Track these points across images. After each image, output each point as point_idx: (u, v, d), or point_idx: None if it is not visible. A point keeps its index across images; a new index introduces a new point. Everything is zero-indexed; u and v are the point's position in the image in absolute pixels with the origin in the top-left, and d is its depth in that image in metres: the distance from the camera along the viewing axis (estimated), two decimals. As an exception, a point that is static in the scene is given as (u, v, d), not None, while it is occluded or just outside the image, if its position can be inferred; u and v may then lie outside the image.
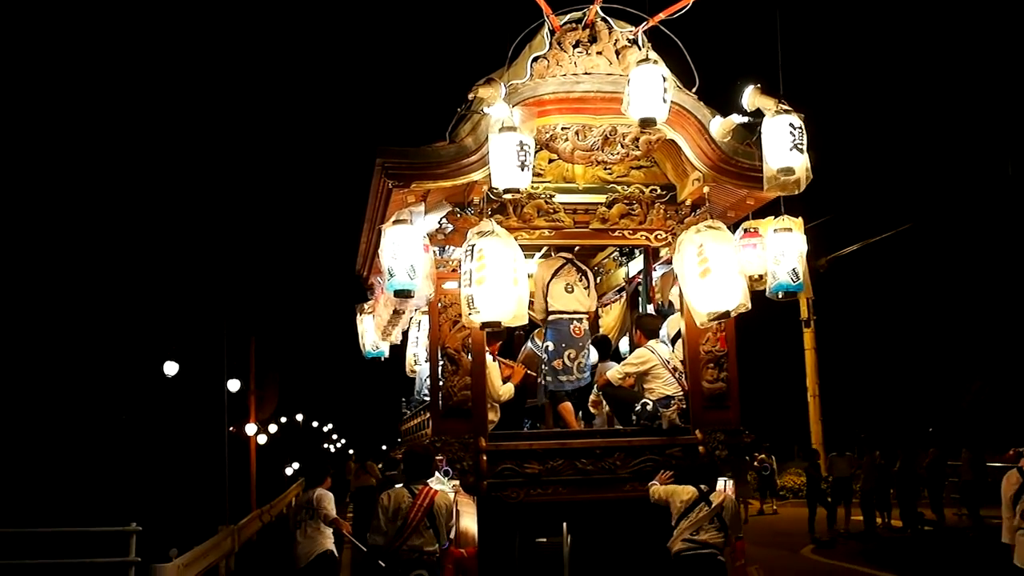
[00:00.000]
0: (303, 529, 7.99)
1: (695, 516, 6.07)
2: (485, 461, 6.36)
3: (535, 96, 6.26)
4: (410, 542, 5.83)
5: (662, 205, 6.90)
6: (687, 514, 6.09)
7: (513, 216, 6.64)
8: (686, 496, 6.13)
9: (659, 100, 5.75)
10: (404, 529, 5.83)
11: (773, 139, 5.81)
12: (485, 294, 5.85)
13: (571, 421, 7.36)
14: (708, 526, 6.06)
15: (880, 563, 12.45)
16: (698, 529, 6.06)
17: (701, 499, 6.11)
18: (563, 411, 7.33)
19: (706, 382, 6.78)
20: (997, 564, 11.97)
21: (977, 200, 23.03)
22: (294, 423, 45.84)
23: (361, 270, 8.68)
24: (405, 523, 5.83)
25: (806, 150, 5.81)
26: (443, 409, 6.50)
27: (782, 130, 5.79)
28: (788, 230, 6.35)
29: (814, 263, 25.24)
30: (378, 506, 6.08)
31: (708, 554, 6.01)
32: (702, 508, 6.08)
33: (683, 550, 6.03)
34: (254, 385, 22.69)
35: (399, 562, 5.83)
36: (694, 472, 6.29)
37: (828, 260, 25.00)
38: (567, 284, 7.44)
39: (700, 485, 6.19)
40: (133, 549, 9.72)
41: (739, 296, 6.14)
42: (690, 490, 6.16)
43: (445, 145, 6.24)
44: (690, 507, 6.10)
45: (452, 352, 6.54)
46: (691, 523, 6.06)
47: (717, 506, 6.10)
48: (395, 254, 6.18)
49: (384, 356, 9.55)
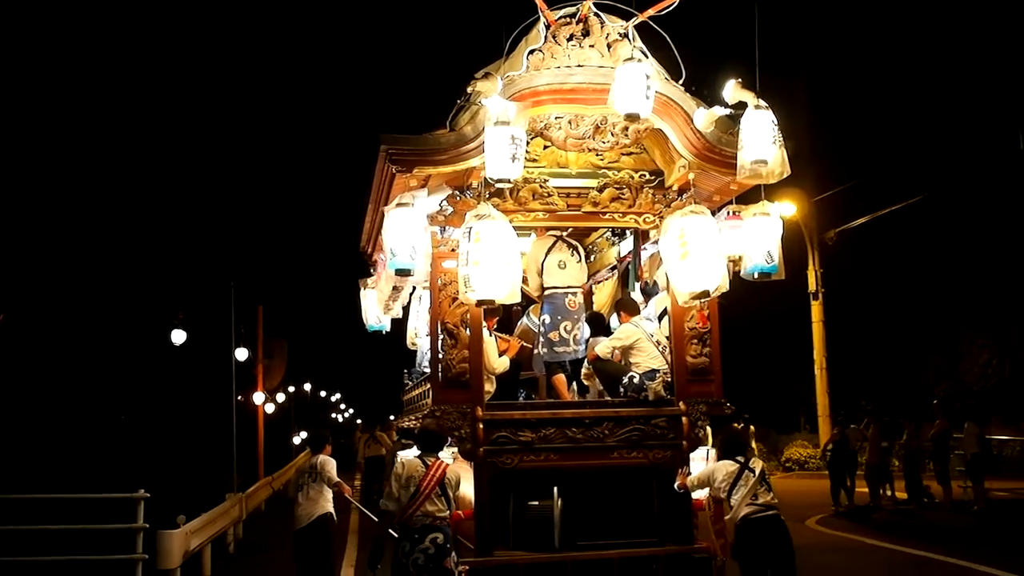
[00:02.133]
0: (305, 491, 8.57)
1: (747, 484, 6.66)
2: (482, 429, 6.96)
3: (531, 87, 6.78)
4: (423, 508, 6.34)
5: (650, 190, 7.46)
6: (737, 484, 6.69)
7: (509, 199, 7.19)
8: (730, 469, 6.74)
9: (642, 96, 6.29)
10: (417, 496, 6.33)
11: (752, 132, 6.37)
12: (481, 274, 6.39)
13: (563, 392, 7.99)
14: (761, 490, 6.67)
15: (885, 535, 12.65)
16: (756, 494, 6.65)
17: (744, 468, 6.73)
18: (557, 382, 7.97)
19: (690, 357, 7.37)
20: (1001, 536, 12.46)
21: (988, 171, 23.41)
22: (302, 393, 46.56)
23: (365, 247, 9.29)
24: (418, 491, 6.34)
25: (783, 145, 6.37)
26: (443, 380, 7.09)
27: (761, 124, 6.35)
28: (766, 215, 6.91)
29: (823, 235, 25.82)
30: (391, 475, 6.62)
31: (773, 515, 6.64)
32: (749, 476, 6.69)
33: (750, 514, 6.61)
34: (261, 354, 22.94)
35: (414, 527, 6.33)
36: (732, 448, 6.88)
37: (836, 232, 25.65)
38: (560, 260, 8.12)
39: (737, 457, 6.80)
40: (141, 515, 9.83)
41: (718, 278, 6.69)
42: (731, 464, 6.77)
43: (446, 133, 6.77)
44: (737, 477, 6.70)
45: (451, 327, 7.12)
46: (748, 490, 6.64)
47: (761, 472, 6.74)
48: (397, 235, 6.81)
49: (386, 330, 10.18)
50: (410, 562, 6.19)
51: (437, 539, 6.26)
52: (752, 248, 6.91)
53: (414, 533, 6.27)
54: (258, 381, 23.08)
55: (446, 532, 6.37)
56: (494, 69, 6.76)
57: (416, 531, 6.28)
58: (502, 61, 6.88)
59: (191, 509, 10.84)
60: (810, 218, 25.94)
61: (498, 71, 6.72)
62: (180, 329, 18.78)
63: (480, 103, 6.55)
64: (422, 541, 6.23)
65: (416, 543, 6.23)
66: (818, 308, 25.75)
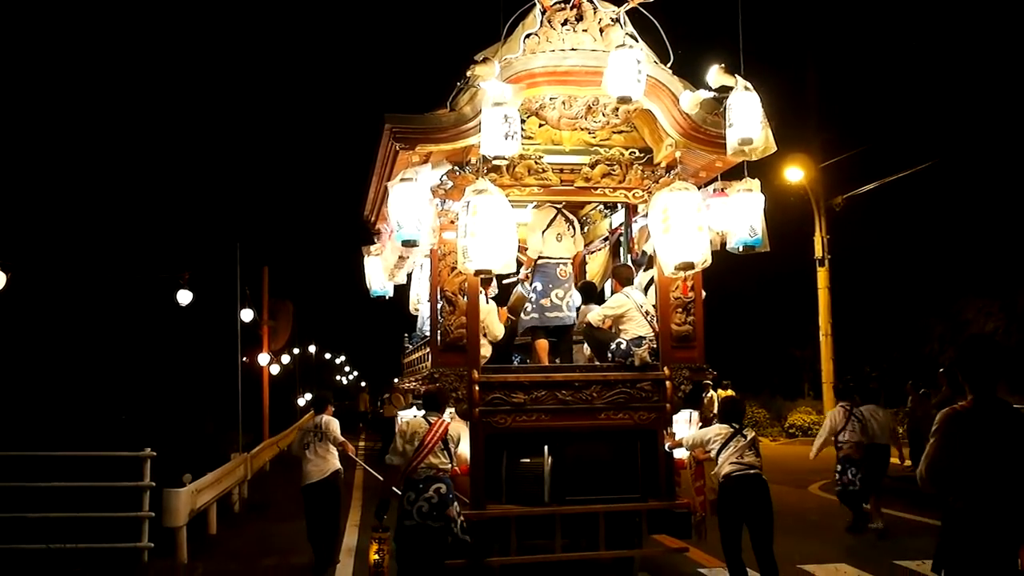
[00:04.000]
0: (313, 449, 9.26)
1: (735, 446, 7.40)
2: (477, 391, 7.62)
3: (527, 69, 7.38)
4: (427, 461, 6.98)
5: (640, 166, 8.07)
6: (727, 446, 7.43)
7: (506, 175, 7.80)
8: (724, 431, 7.50)
9: (634, 81, 6.90)
10: (421, 450, 6.97)
11: (737, 113, 6.94)
12: (478, 245, 6.99)
13: (543, 358, 8.67)
14: (748, 452, 7.40)
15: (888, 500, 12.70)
16: (742, 455, 7.37)
17: (736, 433, 7.47)
18: (539, 347, 8.67)
19: (674, 325, 8.02)
20: None
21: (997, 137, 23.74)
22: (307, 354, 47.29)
23: (369, 216, 9.92)
24: (422, 444, 6.98)
25: (767, 124, 6.95)
26: (441, 345, 7.74)
27: (746, 105, 6.92)
28: (749, 191, 7.50)
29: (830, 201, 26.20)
30: (396, 432, 7.29)
31: (755, 474, 7.37)
32: (739, 440, 7.43)
33: (733, 471, 7.35)
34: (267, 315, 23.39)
35: (418, 479, 6.96)
36: (731, 415, 7.65)
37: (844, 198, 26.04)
38: (557, 233, 8.82)
39: (732, 424, 7.56)
40: (147, 474, 9.87)
41: (701, 251, 7.29)
42: (724, 427, 7.53)
43: (446, 113, 7.38)
44: (728, 440, 7.44)
45: (450, 295, 7.76)
46: (734, 451, 7.39)
47: (752, 439, 7.49)
48: (403, 208, 7.40)
49: (388, 295, 10.85)
50: (415, 510, 6.84)
51: (440, 489, 6.90)
52: (737, 222, 7.51)
53: (419, 484, 6.91)
54: (263, 342, 23.54)
55: (448, 483, 7.00)
56: (492, 52, 7.34)
57: (420, 482, 6.91)
58: (500, 45, 7.43)
59: (197, 469, 11.08)
60: (817, 184, 26.20)
61: (496, 54, 7.30)
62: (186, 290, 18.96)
63: (478, 86, 7.13)
64: (426, 491, 6.86)
65: (421, 492, 6.86)
66: (824, 274, 25.90)
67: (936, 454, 4.66)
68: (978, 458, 4.57)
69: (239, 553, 10.35)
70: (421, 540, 6.87)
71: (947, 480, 4.64)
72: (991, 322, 27.70)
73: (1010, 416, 4.84)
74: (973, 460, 4.56)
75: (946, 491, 4.67)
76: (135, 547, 9.51)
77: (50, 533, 9.36)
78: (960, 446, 4.59)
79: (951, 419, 4.69)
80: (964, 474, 4.57)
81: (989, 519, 4.53)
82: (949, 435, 4.65)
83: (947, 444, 4.63)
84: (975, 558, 4.55)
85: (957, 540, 4.61)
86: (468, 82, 7.25)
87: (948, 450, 4.61)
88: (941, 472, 4.64)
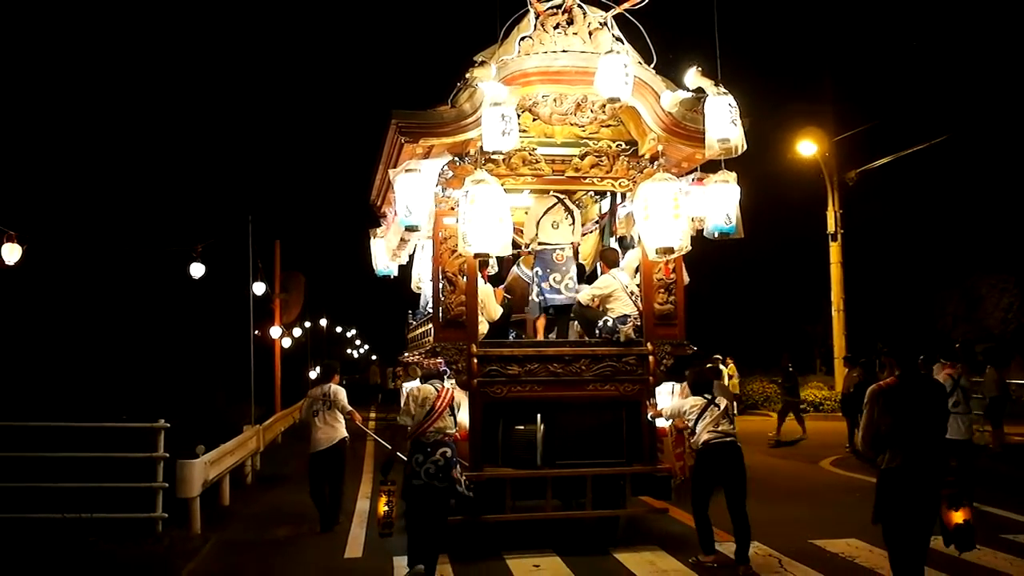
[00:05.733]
0: (322, 417, 10.31)
1: (711, 416, 8.32)
2: (476, 364, 8.68)
3: (521, 69, 8.40)
4: (436, 425, 7.93)
5: (626, 158, 9.07)
6: (703, 416, 8.34)
7: (503, 165, 8.79)
8: (698, 403, 8.41)
9: (622, 83, 7.92)
10: (431, 414, 7.92)
11: (714, 115, 7.96)
12: (476, 230, 7.99)
13: (539, 334, 9.82)
14: (723, 421, 8.33)
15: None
16: (717, 424, 8.31)
17: (710, 403, 8.39)
18: (537, 325, 9.80)
19: (657, 304, 9.05)
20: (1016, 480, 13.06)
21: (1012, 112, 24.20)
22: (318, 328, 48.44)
23: (376, 201, 10.99)
24: (432, 409, 7.93)
25: (740, 124, 7.94)
26: (443, 321, 8.79)
27: (722, 108, 7.94)
28: (725, 182, 8.49)
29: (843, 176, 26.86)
30: (408, 396, 8.22)
31: (730, 441, 8.28)
32: (714, 410, 8.34)
33: (710, 439, 8.27)
34: (279, 288, 24.29)
35: (427, 442, 7.90)
36: (700, 387, 8.57)
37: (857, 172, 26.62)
38: (554, 221, 9.86)
39: (705, 394, 8.48)
40: (161, 445, 10.07)
41: (679, 237, 8.28)
42: (698, 399, 8.44)
43: (447, 109, 8.39)
44: (703, 410, 8.36)
45: (451, 275, 8.79)
46: (710, 420, 8.30)
47: (725, 408, 8.42)
48: (407, 196, 8.47)
49: (393, 275, 11.97)
50: (423, 471, 7.79)
51: (446, 453, 7.87)
52: (713, 210, 8.51)
53: (427, 447, 7.86)
54: (275, 315, 24.44)
55: (453, 447, 7.98)
56: (489, 54, 8.39)
57: (429, 445, 7.86)
58: (497, 46, 8.46)
59: (210, 441, 11.38)
60: (830, 158, 26.98)
61: (493, 56, 8.35)
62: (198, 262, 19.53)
63: (476, 85, 8.13)
64: (434, 454, 7.82)
65: (429, 455, 7.82)
66: (836, 249, 26.76)
67: (870, 423, 5.71)
68: (905, 424, 5.60)
69: (252, 523, 10.82)
70: (427, 498, 7.83)
71: (880, 444, 5.68)
72: (1006, 297, 28.40)
73: (929, 387, 5.90)
74: (901, 426, 5.60)
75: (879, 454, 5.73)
76: (149, 517, 9.83)
77: (66, 503, 9.67)
78: (889, 415, 5.63)
79: (880, 393, 5.76)
80: (893, 438, 5.60)
81: (915, 475, 5.59)
82: (879, 406, 5.69)
83: (878, 414, 5.67)
84: (905, 509, 5.60)
85: (890, 495, 5.66)
86: (467, 82, 8.24)
87: (880, 419, 5.65)
88: (875, 438, 5.68)
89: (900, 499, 5.72)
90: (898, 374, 5.88)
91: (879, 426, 5.67)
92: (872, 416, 5.82)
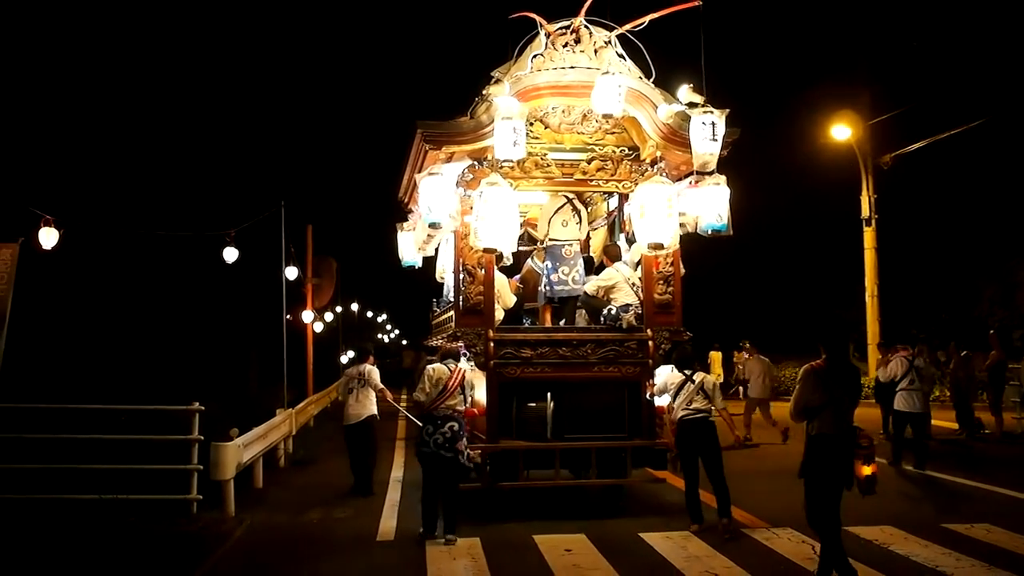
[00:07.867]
0: (355, 394, 11.99)
1: (686, 393, 9.56)
2: (492, 347, 10.14)
3: (533, 84, 9.88)
4: (447, 402, 9.31)
5: (628, 162, 10.52)
6: (680, 392, 9.61)
7: (517, 169, 10.19)
8: (676, 380, 9.69)
9: (616, 100, 9.42)
10: (444, 392, 9.29)
11: (696, 132, 9.46)
12: (486, 227, 9.49)
13: (548, 322, 11.39)
14: (697, 397, 9.54)
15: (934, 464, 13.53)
16: (691, 401, 9.56)
17: (687, 381, 9.64)
18: (546, 312, 11.28)
19: (656, 294, 10.50)
20: None
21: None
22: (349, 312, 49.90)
23: (403, 198, 12.60)
24: (445, 388, 9.29)
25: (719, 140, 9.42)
26: (463, 309, 10.26)
27: (701, 126, 9.43)
28: (717, 184, 9.89)
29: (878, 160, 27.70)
30: (424, 375, 9.54)
31: (701, 417, 9.50)
32: (689, 386, 9.59)
33: (684, 416, 9.52)
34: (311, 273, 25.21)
35: (438, 415, 9.25)
36: (682, 363, 9.82)
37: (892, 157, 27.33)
38: (564, 219, 11.34)
39: (684, 371, 9.71)
40: (196, 427, 10.56)
41: (670, 234, 9.74)
42: (678, 376, 9.72)
43: (467, 120, 9.83)
44: (680, 387, 9.64)
45: (470, 267, 10.26)
46: (684, 397, 9.57)
47: (699, 384, 9.59)
48: (431, 197, 9.92)
49: (417, 265, 13.54)
50: (432, 440, 9.21)
51: (453, 427, 9.24)
52: (706, 210, 9.95)
53: (437, 420, 9.26)
54: (307, 300, 25.57)
55: (460, 422, 9.34)
56: (504, 71, 9.88)
57: (439, 419, 9.26)
58: (511, 63, 9.96)
59: (244, 424, 11.95)
60: (865, 142, 27.97)
61: (507, 72, 9.80)
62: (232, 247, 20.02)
63: (492, 100, 9.58)
64: (442, 427, 9.21)
65: (438, 427, 9.21)
66: (871, 234, 27.82)
67: (800, 396, 7.17)
68: (827, 399, 7.05)
69: (285, 506, 11.29)
70: (434, 465, 9.24)
71: (807, 414, 7.13)
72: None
73: (849, 371, 7.37)
74: (824, 400, 7.05)
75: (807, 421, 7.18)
76: (184, 499, 10.38)
77: (103, 484, 10.18)
78: (816, 391, 7.08)
79: (811, 373, 7.22)
80: (818, 410, 7.06)
81: (832, 440, 7.03)
82: (810, 383, 7.14)
83: (807, 389, 7.12)
84: (825, 466, 7.05)
85: (813, 455, 7.11)
86: (484, 97, 9.69)
87: (808, 393, 7.11)
88: (803, 409, 7.14)
89: (824, 458, 7.10)
90: (825, 357, 7.27)
91: (809, 399, 7.11)
92: (803, 390, 7.23)
